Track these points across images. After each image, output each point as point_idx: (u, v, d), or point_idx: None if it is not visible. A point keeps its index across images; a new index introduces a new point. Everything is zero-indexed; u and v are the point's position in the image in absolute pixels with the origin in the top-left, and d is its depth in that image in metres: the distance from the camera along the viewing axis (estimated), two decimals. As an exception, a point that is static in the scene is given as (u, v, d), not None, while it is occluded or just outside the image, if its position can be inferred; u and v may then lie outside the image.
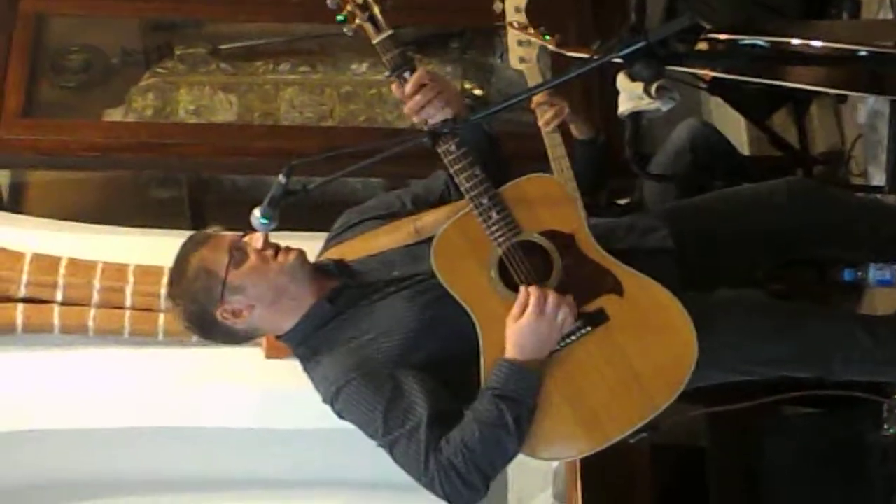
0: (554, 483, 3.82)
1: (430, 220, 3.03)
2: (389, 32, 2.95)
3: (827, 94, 4.22)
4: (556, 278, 2.89)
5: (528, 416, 2.80)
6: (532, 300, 2.79)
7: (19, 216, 5.01)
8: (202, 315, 2.96)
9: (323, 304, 2.96)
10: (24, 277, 4.60)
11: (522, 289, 2.82)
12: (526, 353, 2.80)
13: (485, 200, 2.86)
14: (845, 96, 4.21)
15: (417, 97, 2.87)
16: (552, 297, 2.80)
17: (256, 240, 2.89)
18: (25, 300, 4.61)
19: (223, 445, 4.79)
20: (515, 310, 2.80)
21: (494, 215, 2.87)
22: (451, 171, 2.89)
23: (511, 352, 2.80)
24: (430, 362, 2.90)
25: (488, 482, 2.83)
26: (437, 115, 2.88)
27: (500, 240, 2.87)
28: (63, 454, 4.81)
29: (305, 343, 2.99)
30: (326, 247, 3.16)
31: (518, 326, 2.80)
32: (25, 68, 5.05)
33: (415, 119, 2.94)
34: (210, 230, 3.00)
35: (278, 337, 3.03)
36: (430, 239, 2.94)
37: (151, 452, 4.85)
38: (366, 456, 3.13)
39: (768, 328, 3.21)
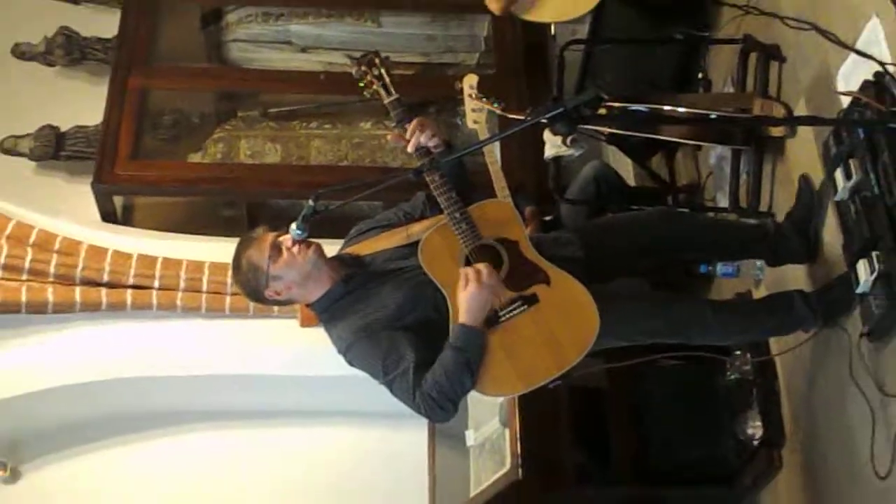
0: (500, 412, 3.80)
1: (417, 228, 3.03)
2: (396, 96, 3.02)
3: (688, 143, 4.20)
4: (504, 271, 2.89)
5: (476, 361, 2.80)
6: (472, 275, 2.79)
7: (129, 228, 4.97)
8: (256, 295, 2.96)
9: (339, 285, 2.96)
10: (132, 271, 4.60)
11: (462, 269, 2.83)
12: (472, 314, 2.80)
13: (457, 215, 2.89)
14: (700, 145, 4.19)
15: (418, 133, 2.93)
16: (484, 269, 2.81)
17: (287, 241, 2.86)
18: (132, 286, 4.59)
19: (269, 387, 4.77)
20: (461, 283, 2.80)
21: (464, 226, 2.89)
22: (435, 193, 2.92)
23: (462, 317, 2.80)
24: (413, 326, 2.90)
25: (456, 406, 2.84)
26: (429, 141, 2.94)
27: (467, 243, 2.89)
28: (152, 394, 4.81)
29: (327, 311, 2.98)
30: (345, 245, 3.14)
31: (465, 295, 2.80)
32: (133, 126, 5.00)
33: (410, 149, 2.97)
34: (256, 232, 2.96)
35: (308, 305, 3.02)
36: (416, 242, 2.95)
37: (220, 391, 4.83)
38: (366, 394, 3.19)
39: (646, 309, 3.25)
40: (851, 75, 3.17)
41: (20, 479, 4.85)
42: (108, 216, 4.94)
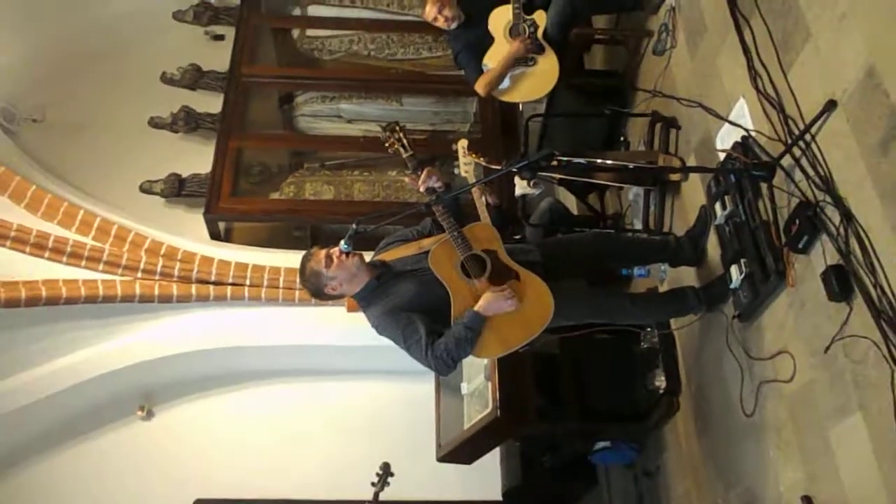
0: (485, 370, 3.78)
1: (426, 242, 3.01)
2: (412, 152, 3.00)
3: (613, 185, 4.18)
4: (488, 272, 2.87)
5: (476, 336, 2.79)
6: (508, 292, 2.81)
7: (229, 244, 4.95)
8: (317, 292, 2.93)
9: (373, 281, 2.94)
10: (231, 273, 4.59)
11: (506, 285, 2.83)
12: (489, 309, 2.79)
13: (455, 233, 2.87)
14: (622, 186, 4.16)
15: (427, 178, 2.93)
16: (513, 293, 2.81)
17: (336, 252, 2.85)
18: (231, 284, 4.58)
19: (325, 353, 4.74)
20: (497, 290, 2.80)
21: (460, 241, 2.87)
22: (439, 219, 2.89)
23: (481, 307, 2.79)
24: (424, 309, 2.87)
25: (456, 365, 2.84)
26: (435, 183, 2.93)
27: (462, 252, 2.87)
28: (245, 357, 4.78)
29: (365, 299, 2.96)
30: (376, 253, 3.11)
31: (493, 296, 2.79)
32: (232, 173, 4.99)
33: (422, 189, 2.96)
34: (313, 250, 2.93)
35: (353, 296, 2.98)
36: (426, 252, 2.92)
37: (292, 356, 4.80)
38: (392, 358, 3.19)
39: (586, 299, 3.24)
40: (726, 138, 3.18)
41: (154, 418, 4.86)
42: (215, 236, 4.94)
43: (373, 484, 3.31)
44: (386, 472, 3.34)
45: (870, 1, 2.44)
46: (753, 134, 2.98)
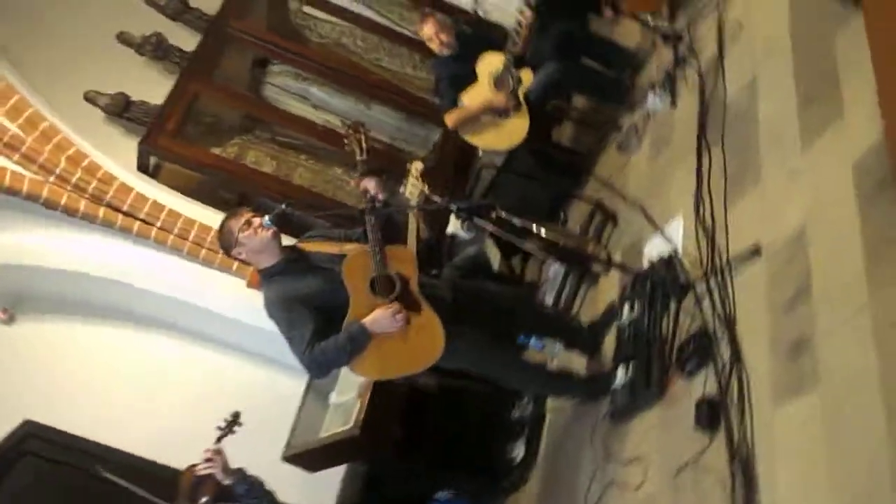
0: (358, 387, 3.76)
1: (348, 247, 2.99)
2: (366, 157, 3.03)
3: (538, 255, 4.09)
4: (394, 295, 2.85)
5: (357, 349, 2.77)
6: (396, 309, 2.79)
7: (153, 181, 4.82)
8: (226, 251, 2.92)
9: (282, 263, 2.91)
10: (145, 209, 4.54)
11: (396, 304, 2.80)
12: (377, 327, 2.78)
13: (377, 248, 2.85)
14: (546, 259, 4.17)
15: (369, 181, 2.95)
16: (403, 313, 2.80)
17: (257, 223, 2.84)
18: (141, 220, 4.52)
19: (210, 318, 4.67)
20: (388, 307, 2.78)
21: (378, 257, 2.85)
22: (368, 230, 2.88)
23: (369, 323, 2.77)
24: (319, 307, 2.85)
25: (329, 370, 2.83)
26: (373, 190, 2.96)
27: (376, 269, 2.85)
28: (130, 297, 4.67)
29: (268, 277, 2.92)
30: (299, 240, 3.08)
31: (382, 313, 2.78)
32: (180, 116, 4.89)
33: (360, 187, 2.98)
34: (241, 209, 2.93)
35: (258, 270, 2.96)
36: (344, 256, 2.90)
37: (176, 310, 4.71)
38: (273, 345, 3.16)
39: (478, 352, 3.19)
40: (654, 248, 3.25)
41: (14, 324, 4.68)
42: (142, 168, 4.81)
43: (219, 428, 3.24)
44: (235, 420, 3.27)
45: (822, 167, 2.54)
46: (679, 253, 3.07)
